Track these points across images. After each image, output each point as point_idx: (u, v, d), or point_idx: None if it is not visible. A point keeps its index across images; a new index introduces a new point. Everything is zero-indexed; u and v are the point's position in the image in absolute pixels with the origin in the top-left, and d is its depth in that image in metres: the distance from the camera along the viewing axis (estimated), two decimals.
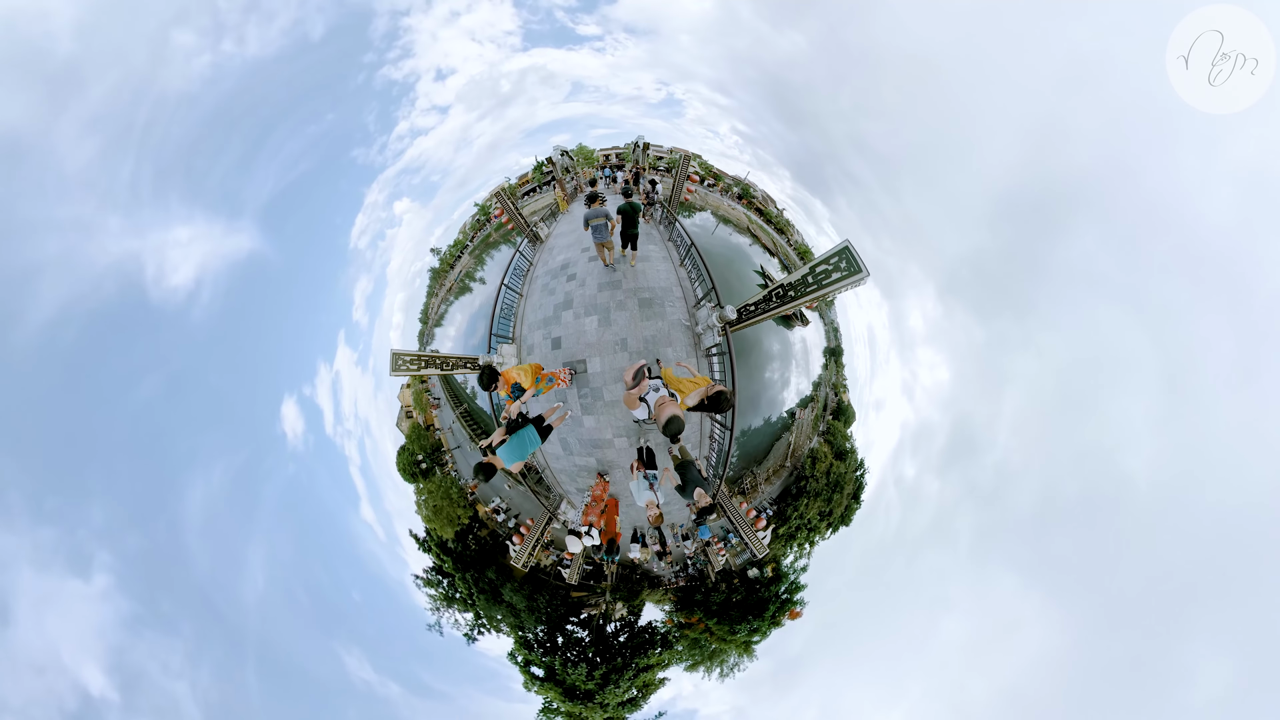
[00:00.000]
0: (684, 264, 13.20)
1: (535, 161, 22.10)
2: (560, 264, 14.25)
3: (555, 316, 13.04)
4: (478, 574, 16.28)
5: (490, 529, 17.09)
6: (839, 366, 20.38)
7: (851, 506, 17.71)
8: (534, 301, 14.09)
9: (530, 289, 14.64)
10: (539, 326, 13.34)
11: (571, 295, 13.02)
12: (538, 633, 16.33)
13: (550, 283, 13.97)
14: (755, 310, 9.71)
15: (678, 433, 5.13)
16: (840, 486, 16.95)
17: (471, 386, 17.74)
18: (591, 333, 12.17)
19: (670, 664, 17.20)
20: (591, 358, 12.08)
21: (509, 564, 16.04)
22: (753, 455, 17.27)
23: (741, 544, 15.28)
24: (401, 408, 19.04)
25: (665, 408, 5.33)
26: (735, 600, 16.64)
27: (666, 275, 12.97)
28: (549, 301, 13.47)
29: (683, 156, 14.60)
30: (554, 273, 14.17)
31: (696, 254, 11.93)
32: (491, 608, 16.38)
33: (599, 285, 12.78)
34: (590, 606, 16.72)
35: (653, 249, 13.76)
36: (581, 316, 12.51)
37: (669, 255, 13.74)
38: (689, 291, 12.69)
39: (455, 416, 17.49)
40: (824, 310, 21.05)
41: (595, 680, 15.10)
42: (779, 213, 23.80)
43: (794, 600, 17.32)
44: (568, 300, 13.03)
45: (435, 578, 17.45)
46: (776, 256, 20.64)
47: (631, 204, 11.04)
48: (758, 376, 17.88)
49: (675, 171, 15.20)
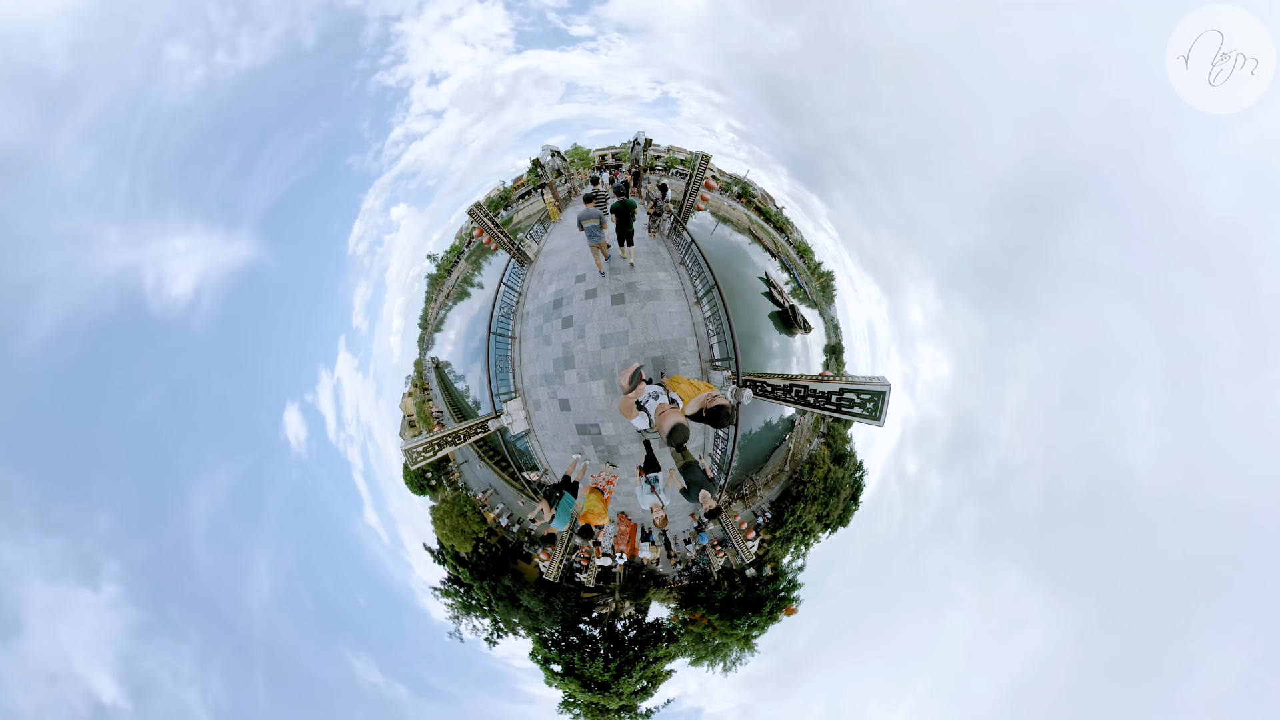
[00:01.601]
0: (700, 302, 11.75)
1: (531, 164, 21.95)
2: (553, 299, 12.79)
3: (557, 374, 12.13)
4: (494, 581, 16.59)
5: (499, 536, 17.28)
6: (839, 365, 20.30)
7: (850, 508, 17.77)
8: (530, 351, 12.97)
9: (523, 330, 13.35)
10: (542, 383, 12.52)
11: (571, 350, 11.90)
12: (554, 633, 16.85)
13: (544, 326, 12.61)
14: (771, 392, 9.59)
15: (683, 441, 4.89)
16: (837, 491, 17.02)
17: (474, 397, 17.84)
18: (600, 399, 11.66)
19: (676, 657, 17.72)
20: (604, 423, 11.75)
21: (521, 570, 16.63)
22: (753, 461, 17.29)
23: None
24: (404, 416, 19.08)
25: (668, 416, 5.01)
26: (736, 597, 16.99)
27: (680, 318, 11.63)
28: (547, 354, 12.38)
29: (700, 157, 12.39)
30: (546, 313, 12.73)
31: (720, 301, 10.45)
32: (510, 612, 16.80)
33: (601, 338, 11.64)
34: (601, 606, 17.10)
35: (662, 277, 12.21)
36: (587, 380, 11.73)
37: (682, 288, 12.07)
38: (704, 340, 11.48)
39: None
40: (824, 310, 21.02)
41: (611, 672, 15.86)
42: (778, 211, 23.68)
43: (790, 598, 17.59)
44: (568, 356, 11.94)
45: (453, 588, 17.68)
46: (778, 258, 20.54)
47: (625, 202, 10.82)
48: (744, 336, 17.77)
49: (690, 175, 13.04)
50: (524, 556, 17.10)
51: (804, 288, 20.25)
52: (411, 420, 18.75)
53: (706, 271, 10.87)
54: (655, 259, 12.77)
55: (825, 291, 21.63)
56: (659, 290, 12.00)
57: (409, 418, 18.87)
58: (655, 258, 12.80)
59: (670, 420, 4.85)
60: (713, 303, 11.12)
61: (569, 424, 12.10)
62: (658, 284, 12.10)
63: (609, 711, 16.41)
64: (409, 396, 18.97)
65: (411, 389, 19.00)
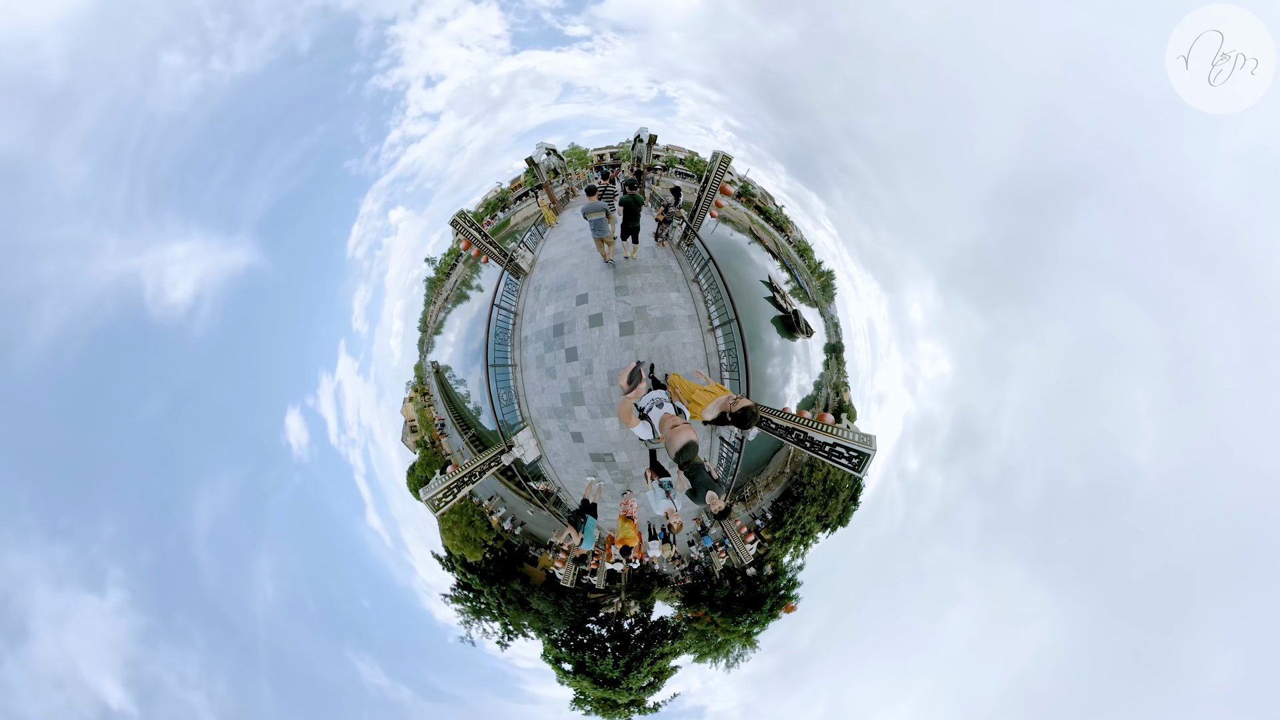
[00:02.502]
0: (714, 331, 11.07)
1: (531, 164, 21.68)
2: (552, 323, 11.73)
3: (567, 409, 11.57)
4: (504, 586, 16.91)
5: (505, 540, 17.46)
6: (840, 363, 20.26)
7: (849, 508, 17.84)
8: (534, 382, 12.18)
9: (523, 358, 12.33)
10: (551, 415, 11.94)
11: (579, 386, 11.18)
12: (563, 633, 17.29)
13: (546, 356, 11.68)
14: (774, 429, 9.81)
15: (691, 459, 4.54)
16: (836, 492, 17.08)
17: (474, 404, 17.87)
18: (614, 433, 11.45)
19: (680, 653, 18.09)
20: (618, 452, 11.63)
21: (529, 573, 17.04)
22: (754, 464, 17.31)
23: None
24: (405, 422, 19.11)
25: (679, 433, 4.51)
26: (737, 595, 17.25)
27: (693, 348, 11.06)
28: (553, 388, 11.67)
29: (719, 159, 10.97)
30: (547, 340, 11.69)
31: (739, 337, 10.10)
32: (520, 615, 17.14)
33: (609, 374, 11.06)
34: (607, 606, 17.35)
35: (674, 299, 11.08)
36: (599, 416, 11.33)
37: (696, 312, 11.13)
38: (715, 372, 11.15)
39: (464, 441, 17.61)
40: (824, 309, 20.97)
41: (619, 669, 16.40)
42: (778, 209, 23.59)
43: (790, 596, 17.82)
44: (576, 393, 11.28)
45: (463, 594, 17.96)
46: (779, 258, 20.47)
47: (634, 196, 10.54)
48: (758, 375, 17.81)
49: (708, 178, 11.31)
50: (530, 560, 17.30)
51: (805, 288, 20.21)
52: (413, 426, 18.78)
53: (726, 300, 10.18)
54: (666, 276, 11.66)
55: (825, 291, 21.58)
56: (671, 317, 11.17)
57: (410, 423, 18.90)
58: (666, 274, 11.69)
59: (681, 438, 4.46)
60: (729, 336, 10.63)
61: (582, 453, 12.02)
62: (670, 308, 11.21)
63: (618, 706, 16.94)
64: (409, 402, 18.98)
65: (412, 394, 19.02)
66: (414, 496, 18.26)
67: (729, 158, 11.23)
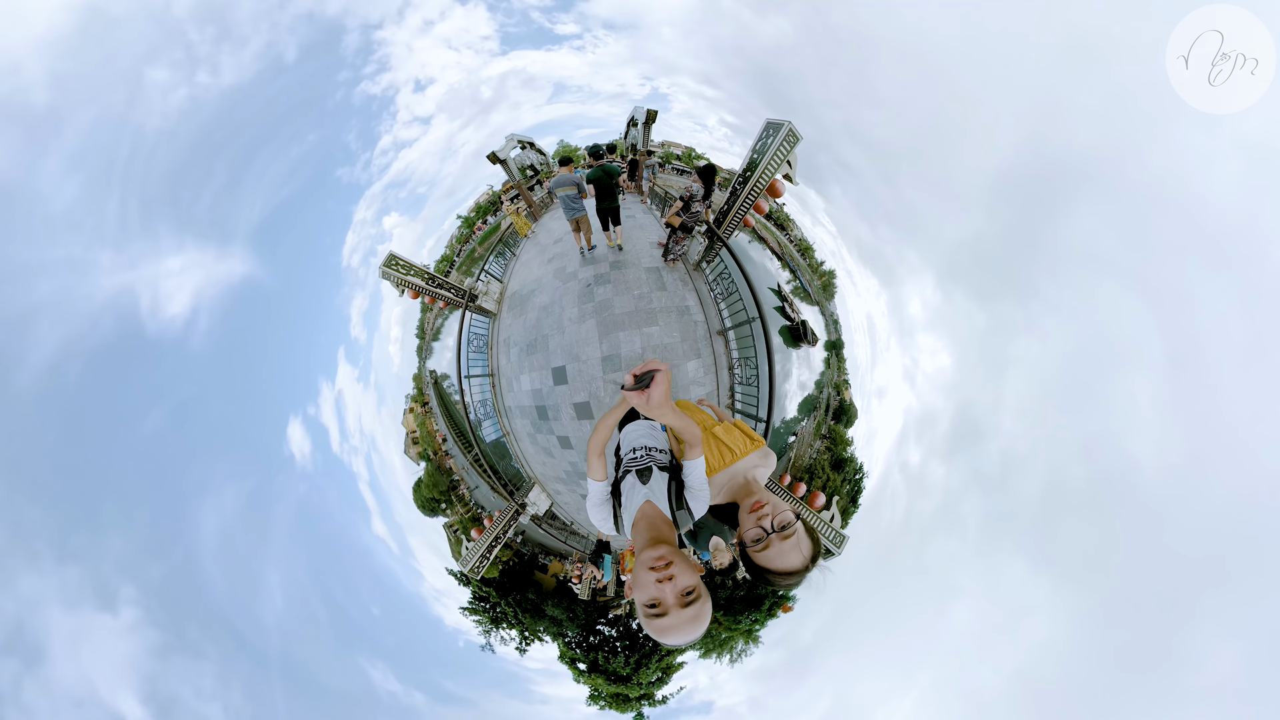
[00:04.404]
0: (733, 368, 8.56)
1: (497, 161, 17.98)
2: (532, 400, 9.28)
3: (573, 481, 10.24)
4: (519, 595, 17.44)
5: (514, 550, 17.75)
6: (840, 361, 20.22)
7: (849, 510, 17.90)
8: (531, 453, 10.45)
9: (514, 428, 10.22)
10: (557, 480, 10.63)
11: (581, 468, 9.31)
12: (576, 636, 17.93)
13: (538, 436, 9.58)
14: None
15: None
16: (835, 494, 17.30)
17: (476, 415, 17.84)
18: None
19: (686, 649, 18.40)
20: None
21: (540, 580, 17.44)
22: None
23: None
24: (406, 434, 19.09)
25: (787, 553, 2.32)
26: (738, 596, 17.57)
27: None
28: (554, 464, 10.08)
29: (781, 131, 7.24)
30: (534, 420, 9.33)
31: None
32: (535, 622, 17.69)
33: None
34: (615, 608, 17.79)
35: (693, 370, 7.88)
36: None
37: (714, 368, 7.86)
38: None
39: (468, 461, 17.69)
40: (825, 307, 20.87)
41: (630, 666, 17.19)
42: (779, 207, 23.39)
43: (787, 596, 18.14)
44: (579, 472, 9.64)
45: (480, 606, 18.39)
46: (782, 259, 20.35)
47: (604, 168, 8.69)
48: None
49: (755, 164, 7.51)
50: (540, 567, 17.60)
51: (807, 288, 20.13)
52: (415, 438, 18.77)
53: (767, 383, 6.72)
54: (680, 325, 7.84)
55: (826, 289, 21.49)
56: (696, 379, 7.63)
57: (411, 434, 18.89)
58: (680, 322, 7.93)
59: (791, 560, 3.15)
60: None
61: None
62: (687, 380, 7.61)
63: (630, 700, 17.73)
64: (410, 413, 18.96)
65: (412, 405, 18.99)
66: (422, 512, 18.38)
67: (796, 134, 7.07)
